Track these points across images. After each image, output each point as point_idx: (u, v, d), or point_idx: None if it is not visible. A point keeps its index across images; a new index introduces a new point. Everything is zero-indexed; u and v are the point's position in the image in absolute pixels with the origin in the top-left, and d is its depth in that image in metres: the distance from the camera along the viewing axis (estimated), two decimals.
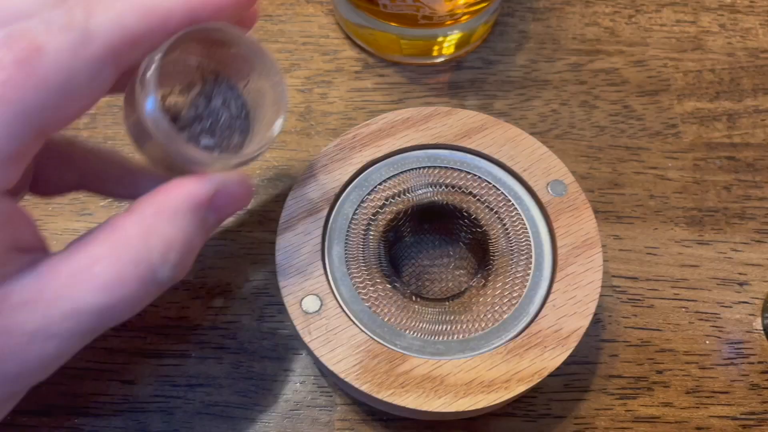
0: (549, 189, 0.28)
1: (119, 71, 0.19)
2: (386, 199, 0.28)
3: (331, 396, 0.28)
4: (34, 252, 0.20)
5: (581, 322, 0.25)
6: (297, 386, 0.29)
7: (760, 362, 0.29)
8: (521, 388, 0.24)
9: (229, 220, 0.32)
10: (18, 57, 0.17)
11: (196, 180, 0.21)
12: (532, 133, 0.29)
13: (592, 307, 0.25)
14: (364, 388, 0.24)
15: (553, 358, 0.24)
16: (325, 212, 0.27)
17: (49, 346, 0.19)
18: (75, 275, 0.19)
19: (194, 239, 0.21)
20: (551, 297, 0.26)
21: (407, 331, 0.26)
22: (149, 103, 0.20)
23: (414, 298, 0.27)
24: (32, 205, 0.32)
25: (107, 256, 0.19)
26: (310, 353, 0.25)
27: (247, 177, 0.23)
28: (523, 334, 0.25)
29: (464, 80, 0.36)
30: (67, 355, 0.19)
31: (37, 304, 0.18)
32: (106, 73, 0.19)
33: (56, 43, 0.17)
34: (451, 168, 0.29)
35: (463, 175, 0.29)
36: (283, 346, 0.29)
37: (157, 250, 0.19)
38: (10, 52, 0.17)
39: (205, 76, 0.23)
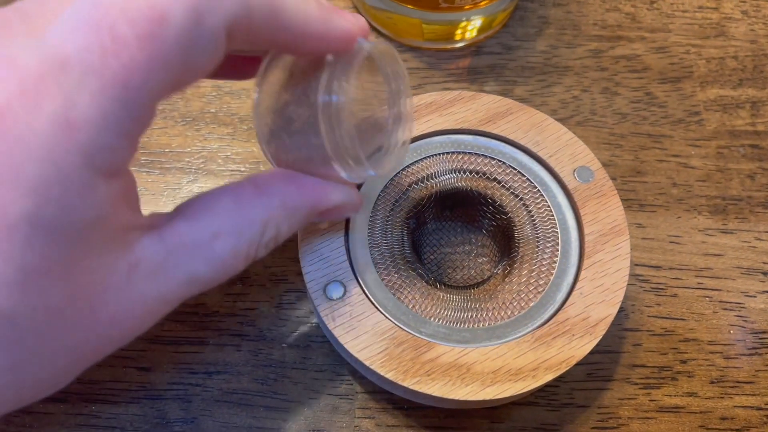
0: (575, 175, 0.27)
1: (228, 50, 0.18)
2: (409, 185, 0.28)
3: (351, 384, 0.28)
4: (139, 211, 0.20)
5: (609, 310, 0.25)
6: (317, 374, 0.28)
7: None
8: (549, 377, 0.23)
9: None
10: (140, 32, 0.15)
11: (328, 189, 0.22)
12: (553, 119, 0.29)
13: (620, 295, 0.25)
14: (389, 375, 0.23)
15: (581, 347, 0.24)
16: None
17: (160, 310, 0.19)
18: (197, 247, 0.19)
19: (293, 232, 0.22)
20: (578, 285, 0.25)
21: (432, 319, 0.25)
22: (343, 111, 0.20)
23: (438, 285, 0.27)
24: None
25: (230, 232, 0.20)
26: (334, 340, 0.24)
27: (360, 196, 0.24)
28: (550, 322, 0.25)
29: (484, 66, 0.36)
30: (164, 315, 0.20)
31: (160, 274, 0.19)
32: (222, 49, 0.17)
33: (181, 8, 0.15)
34: (475, 153, 0.28)
35: (487, 160, 0.28)
36: (302, 333, 0.29)
37: (268, 237, 0.21)
38: (131, 26, 0.15)
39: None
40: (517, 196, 0.28)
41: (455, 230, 0.30)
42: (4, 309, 0.15)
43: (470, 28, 0.35)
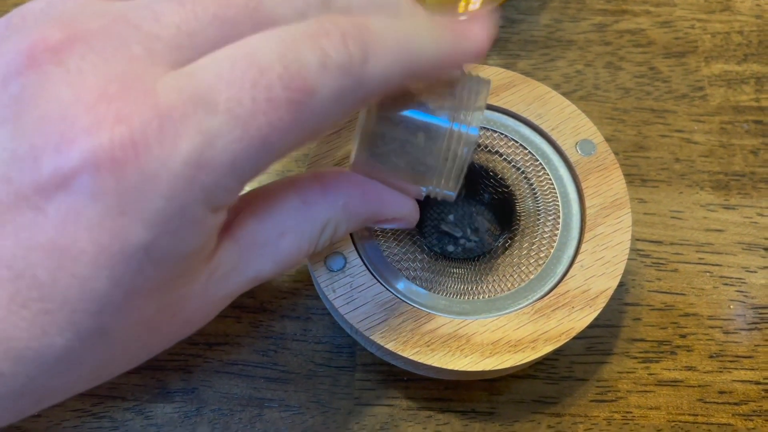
0: (578, 148, 0.27)
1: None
2: None
3: (351, 356, 0.28)
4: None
5: (609, 283, 0.25)
6: (317, 346, 0.28)
7: None
8: (548, 348, 0.23)
9: None
10: (291, 98, 0.16)
11: (395, 201, 0.23)
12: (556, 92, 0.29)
13: (620, 268, 0.25)
14: (389, 346, 0.23)
15: (580, 319, 0.24)
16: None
17: (224, 306, 0.20)
18: (265, 246, 0.20)
19: (348, 234, 0.23)
20: (579, 257, 0.25)
21: (432, 290, 0.25)
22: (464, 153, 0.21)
23: (438, 257, 0.27)
24: None
25: (294, 231, 0.21)
26: (334, 311, 0.24)
27: (417, 209, 0.24)
28: (550, 294, 0.25)
29: None
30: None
31: (233, 275, 0.19)
32: (349, 115, 0.19)
33: (329, 88, 0.16)
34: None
35: (489, 133, 0.28)
36: (302, 305, 0.29)
37: (326, 237, 0.22)
38: (285, 91, 0.16)
39: None
40: (518, 168, 0.27)
41: (457, 202, 0.30)
42: (103, 327, 0.16)
43: (473, 0, 0.35)
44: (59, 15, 0.17)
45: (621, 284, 0.29)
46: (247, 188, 0.19)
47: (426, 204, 0.30)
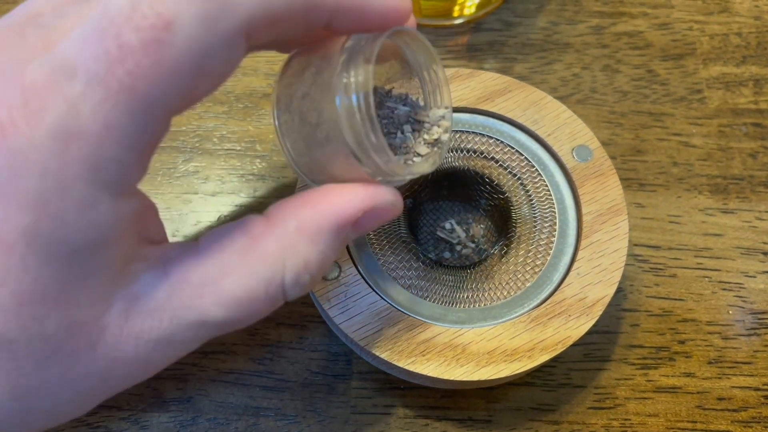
0: (574, 154, 0.27)
1: (250, 50, 0.17)
2: None
3: (347, 364, 0.28)
4: (159, 242, 0.19)
5: (606, 291, 0.24)
6: (313, 354, 0.28)
7: None
8: (544, 357, 0.23)
9: (242, 185, 0.31)
10: (146, 38, 0.14)
11: (347, 195, 0.19)
12: (552, 97, 0.28)
13: (617, 276, 0.25)
14: (384, 355, 0.23)
15: (577, 327, 0.24)
16: None
17: (168, 353, 0.18)
18: (205, 286, 0.17)
19: (331, 258, 0.19)
20: (576, 265, 0.25)
21: (428, 299, 0.25)
22: (360, 101, 0.17)
23: (434, 265, 0.27)
24: None
25: (239, 270, 0.18)
26: (329, 320, 0.24)
27: (399, 195, 0.20)
28: (546, 302, 0.24)
29: (483, 42, 0.35)
30: (182, 356, 0.19)
31: (165, 313, 0.17)
32: (240, 51, 0.16)
33: (189, 15, 0.14)
34: (473, 132, 0.28)
35: (485, 139, 0.28)
36: (298, 313, 0.29)
37: (292, 272, 0.18)
38: (136, 32, 0.14)
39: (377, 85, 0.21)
40: (514, 175, 0.27)
41: (453, 209, 0.30)
42: (1, 333, 0.15)
43: (469, 4, 0.34)
44: None
45: (619, 290, 0.29)
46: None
47: (422, 211, 0.30)
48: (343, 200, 0.19)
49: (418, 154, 0.20)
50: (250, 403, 0.27)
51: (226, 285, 0.17)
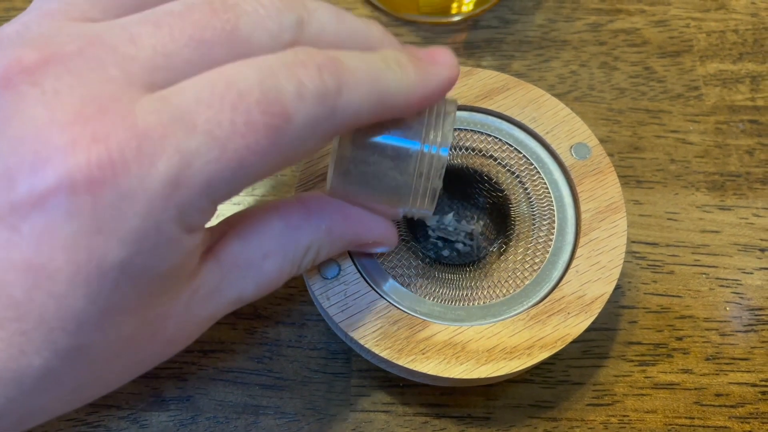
0: (572, 152, 0.27)
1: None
2: None
3: (347, 362, 0.28)
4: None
5: (605, 288, 0.25)
6: (312, 352, 0.28)
7: None
8: (544, 355, 0.23)
9: None
10: (269, 122, 0.16)
11: (374, 227, 0.23)
12: (550, 95, 0.28)
13: (616, 273, 0.25)
14: (384, 354, 0.23)
15: (576, 325, 0.24)
16: None
17: (206, 327, 0.21)
18: (248, 268, 0.20)
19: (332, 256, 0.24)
20: (574, 262, 0.25)
21: (427, 297, 0.25)
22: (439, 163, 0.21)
23: (433, 263, 0.27)
24: None
25: (276, 253, 0.21)
26: (329, 319, 0.24)
27: (396, 231, 0.24)
28: (545, 300, 0.24)
29: (480, 40, 0.35)
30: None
31: (215, 296, 0.20)
32: (323, 144, 0.19)
33: (305, 115, 0.17)
34: (471, 130, 0.28)
35: (483, 137, 0.28)
36: (297, 311, 0.29)
37: (307, 260, 0.22)
38: (263, 115, 0.16)
39: None
40: (513, 173, 0.27)
41: (451, 208, 0.30)
42: (80, 345, 0.16)
43: (467, 1, 0.34)
44: (35, 37, 0.17)
45: (617, 287, 0.29)
46: (232, 211, 0.20)
47: None
48: (369, 227, 0.23)
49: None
50: (250, 402, 0.27)
51: (266, 267, 0.20)
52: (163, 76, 0.16)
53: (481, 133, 0.28)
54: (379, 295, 0.24)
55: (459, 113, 0.28)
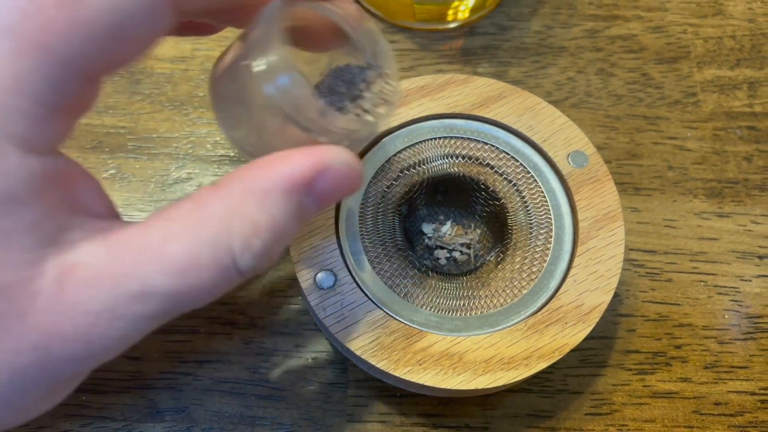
0: (569, 160, 0.27)
1: (181, 15, 0.17)
2: (401, 171, 0.27)
3: (343, 372, 0.28)
4: (101, 218, 0.18)
5: (603, 298, 0.24)
6: (309, 362, 0.28)
7: None
8: (542, 365, 0.23)
9: None
10: None
11: (296, 157, 0.18)
12: (547, 102, 0.28)
13: (614, 282, 0.25)
14: (380, 365, 0.23)
15: (574, 335, 0.24)
16: None
17: (114, 328, 0.16)
18: (146, 251, 0.16)
19: (286, 226, 0.18)
20: (572, 272, 0.25)
21: (424, 307, 0.25)
22: (276, 57, 0.17)
23: (430, 273, 0.26)
24: None
25: (183, 235, 0.17)
26: (325, 329, 0.24)
27: (356, 158, 0.19)
28: (543, 309, 0.24)
29: (477, 47, 0.35)
30: (134, 339, 0.17)
31: (104, 281, 0.16)
32: (165, 15, 0.16)
33: None
34: (468, 138, 0.28)
35: (480, 145, 0.28)
36: (294, 321, 0.29)
37: (240, 235, 0.17)
38: None
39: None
40: (510, 181, 0.27)
41: (448, 216, 0.30)
42: None
43: (463, 8, 0.34)
44: None
45: (615, 295, 0.29)
46: None
47: (417, 218, 0.30)
48: (292, 161, 0.18)
49: (367, 111, 0.20)
50: (246, 413, 0.27)
51: (169, 250, 0.16)
52: None
53: (478, 141, 0.28)
54: (376, 305, 0.24)
55: (455, 122, 0.28)
